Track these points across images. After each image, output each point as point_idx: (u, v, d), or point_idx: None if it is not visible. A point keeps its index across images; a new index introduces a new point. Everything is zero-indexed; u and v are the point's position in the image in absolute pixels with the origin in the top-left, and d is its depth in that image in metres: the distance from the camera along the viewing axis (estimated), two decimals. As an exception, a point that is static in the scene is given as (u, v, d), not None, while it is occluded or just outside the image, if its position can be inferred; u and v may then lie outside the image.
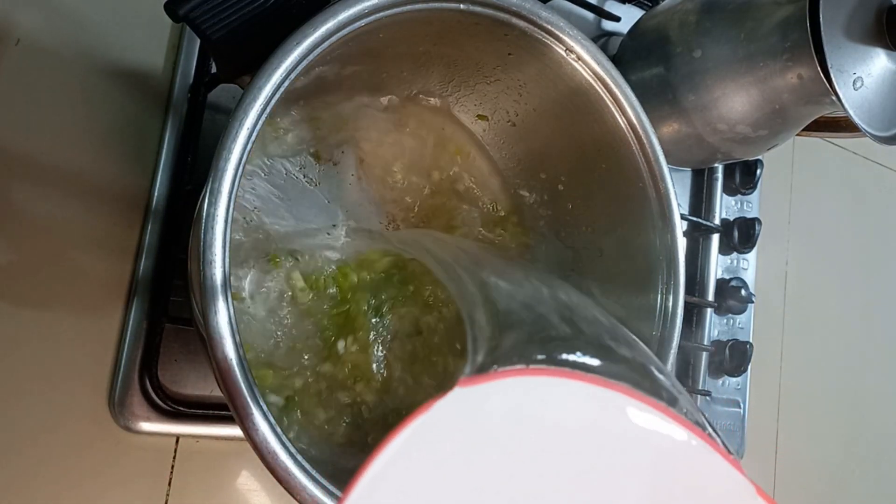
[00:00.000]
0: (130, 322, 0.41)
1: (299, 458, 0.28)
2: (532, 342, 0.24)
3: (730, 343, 0.60)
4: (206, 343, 0.27)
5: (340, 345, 0.39)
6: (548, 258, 0.46)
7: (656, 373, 0.25)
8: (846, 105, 0.40)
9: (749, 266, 0.63)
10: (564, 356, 0.23)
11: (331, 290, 0.39)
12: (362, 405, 0.39)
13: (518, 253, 0.46)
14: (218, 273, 0.27)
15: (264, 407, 0.27)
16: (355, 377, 0.39)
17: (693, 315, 0.60)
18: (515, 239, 0.47)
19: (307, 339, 0.38)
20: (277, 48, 0.29)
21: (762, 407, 0.67)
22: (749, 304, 0.61)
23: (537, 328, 0.26)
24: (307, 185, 0.40)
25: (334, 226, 0.41)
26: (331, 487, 0.28)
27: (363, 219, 0.42)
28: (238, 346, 0.27)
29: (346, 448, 0.38)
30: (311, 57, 0.30)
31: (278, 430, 0.27)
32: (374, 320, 0.40)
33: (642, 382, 0.23)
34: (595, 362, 0.23)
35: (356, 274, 0.40)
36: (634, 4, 0.59)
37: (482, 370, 0.22)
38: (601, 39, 0.58)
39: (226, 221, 0.27)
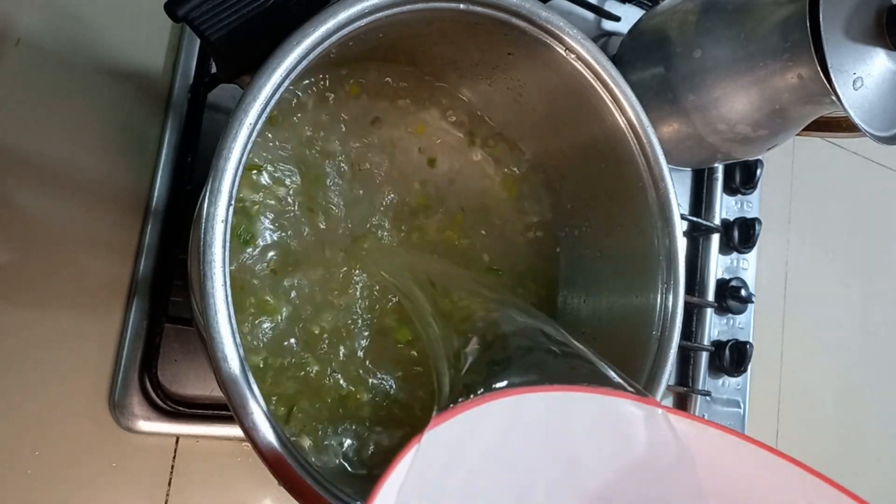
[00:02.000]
0: (130, 322, 0.41)
1: (300, 457, 0.28)
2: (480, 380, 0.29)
3: (730, 343, 0.60)
4: (206, 343, 0.27)
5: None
6: (546, 259, 0.46)
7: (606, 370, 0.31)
8: (846, 105, 0.40)
9: (749, 266, 0.63)
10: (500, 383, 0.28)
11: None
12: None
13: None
14: (218, 273, 0.27)
15: (264, 407, 0.27)
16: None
17: (693, 315, 0.60)
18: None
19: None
20: (277, 48, 0.29)
21: (762, 407, 0.67)
22: (749, 304, 0.61)
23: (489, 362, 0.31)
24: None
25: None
26: (332, 487, 0.28)
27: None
28: (238, 346, 0.27)
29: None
30: (311, 57, 0.30)
31: (279, 429, 0.27)
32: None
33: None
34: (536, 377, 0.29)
35: None
36: (634, 4, 0.59)
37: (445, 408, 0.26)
38: (601, 39, 0.58)
39: (225, 221, 0.27)
